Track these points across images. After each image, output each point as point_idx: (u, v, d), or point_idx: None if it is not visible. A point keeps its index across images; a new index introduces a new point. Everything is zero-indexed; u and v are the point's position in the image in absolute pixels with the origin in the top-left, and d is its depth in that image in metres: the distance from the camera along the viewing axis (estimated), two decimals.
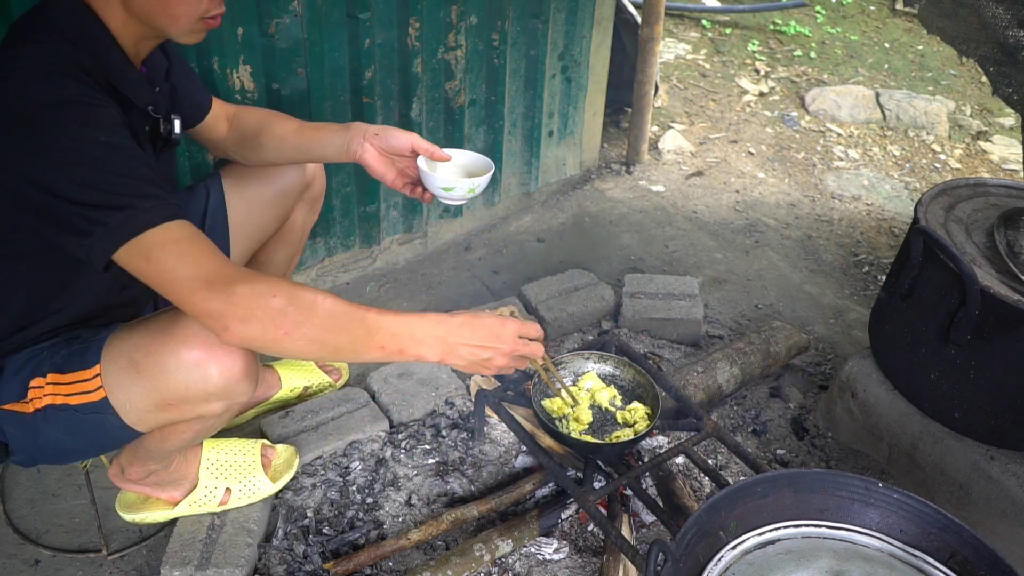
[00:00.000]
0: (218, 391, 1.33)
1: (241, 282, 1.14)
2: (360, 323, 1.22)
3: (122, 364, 1.32)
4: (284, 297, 1.16)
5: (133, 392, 1.32)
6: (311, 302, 1.18)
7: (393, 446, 2.00)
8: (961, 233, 1.88)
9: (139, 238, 1.14)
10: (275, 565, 1.70)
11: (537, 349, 1.40)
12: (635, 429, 1.82)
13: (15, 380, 1.37)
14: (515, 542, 1.73)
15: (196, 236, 1.18)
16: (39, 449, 1.42)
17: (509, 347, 1.35)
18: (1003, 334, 1.69)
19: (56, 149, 1.14)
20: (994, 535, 1.78)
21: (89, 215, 1.13)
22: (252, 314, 1.14)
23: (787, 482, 1.34)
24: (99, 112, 1.20)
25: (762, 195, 3.48)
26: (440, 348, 1.29)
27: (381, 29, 2.29)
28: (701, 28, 5.24)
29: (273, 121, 1.69)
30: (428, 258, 2.84)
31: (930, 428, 1.91)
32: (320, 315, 1.19)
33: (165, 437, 1.49)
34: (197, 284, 1.13)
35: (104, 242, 1.14)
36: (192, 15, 1.30)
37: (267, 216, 1.82)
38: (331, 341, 1.21)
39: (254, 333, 1.16)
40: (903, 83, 4.72)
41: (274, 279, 1.18)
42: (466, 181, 1.57)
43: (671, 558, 1.16)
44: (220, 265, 1.16)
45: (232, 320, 1.14)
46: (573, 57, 2.91)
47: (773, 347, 2.29)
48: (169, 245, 1.14)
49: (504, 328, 1.34)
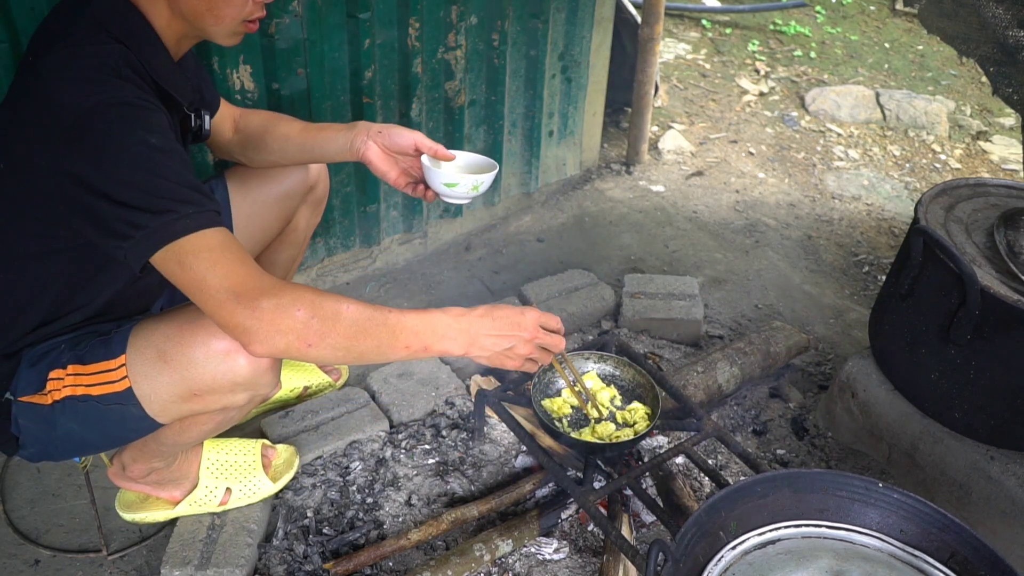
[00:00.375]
0: (245, 381, 1.34)
1: (267, 295, 1.16)
2: (383, 326, 1.24)
3: (149, 354, 1.33)
4: (308, 309, 1.17)
5: (159, 382, 1.33)
6: (335, 312, 1.20)
7: (393, 446, 2.00)
8: (961, 233, 1.88)
9: (176, 243, 1.15)
10: (275, 565, 1.70)
11: (558, 341, 1.42)
12: (635, 429, 1.82)
13: (33, 372, 1.37)
14: (515, 542, 1.73)
15: (230, 244, 1.19)
16: (54, 442, 1.42)
17: (530, 334, 1.36)
18: (1003, 334, 1.69)
19: (104, 150, 1.16)
20: (994, 535, 1.78)
21: (130, 217, 1.15)
22: (277, 330, 1.16)
23: (787, 482, 1.34)
24: (149, 115, 1.22)
25: (762, 195, 3.48)
26: (463, 340, 1.31)
27: (381, 29, 2.29)
28: (701, 28, 5.24)
29: (277, 122, 1.70)
30: (428, 258, 2.84)
31: (930, 428, 1.91)
32: (344, 324, 1.20)
33: (185, 429, 1.49)
34: (225, 296, 1.15)
35: (143, 245, 1.16)
36: (236, 17, 1.32)
37: (271, 217, 1.83)
38: (357, 347, 1.23)
39: (279, 347, 1.18)
40: (903, 83, 4.72)
41: (299, 290, 1.19)
42: (470, 178, 1.57)
43: (671, 558, 1.16)
44: (249, 276, 1.17)
45: (258, 335, 1.17)
46: (573, 57, 2.91)
47: (773, 347, 2.29)
48: (203, 252, 1.16)
49: (524, 317, 1.36)
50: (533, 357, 1.40)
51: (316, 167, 1.84)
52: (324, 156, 1.67)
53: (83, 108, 1.16)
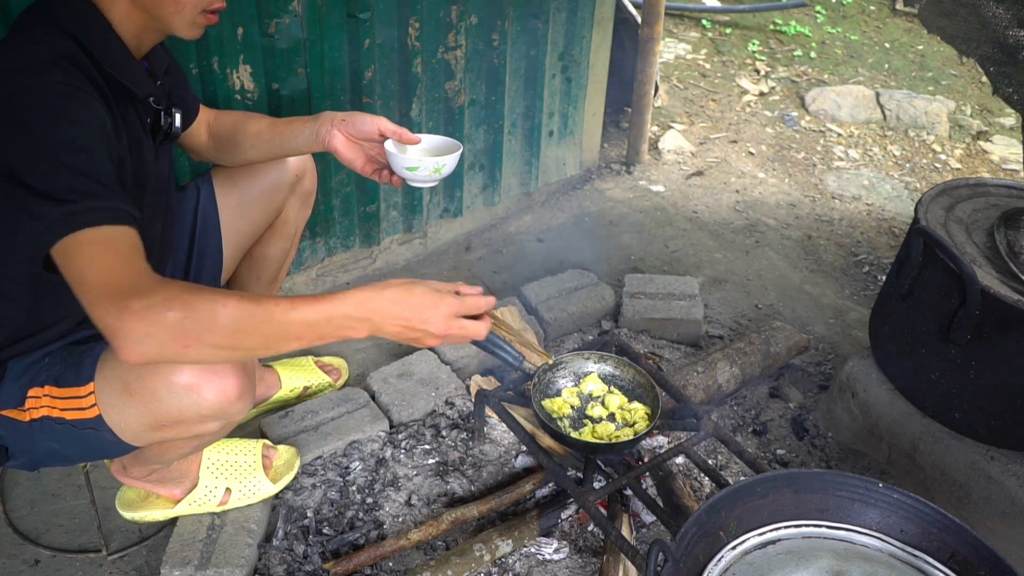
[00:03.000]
0: (213, 412, 1.32)
1: (138, 296, 1.07)
2: (268, 323, 1.14)
3: (115, 385, 1.31)
4: (180, 309, 1.07)
5: (127, 413, 1.32)
6: (210, 311, 1.09)
7: (393, 446, 2.00)
8: (961, 233, 1.88)
9: (69, 237, 1.09)
10: (275, 565, 1.70)
11: (477, 329, 1.30)
12: (635, 429, 1.82)
13: (15, 386, 1.36)
14: (515, 542, 1.73)
15: (118, 242, 1.12)
16: (37, 455, 1.42)
17: (439, 330, 1.25)
18: (1003, 334, 1.69)
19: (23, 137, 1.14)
20: (994, 535, 1.78)
21: (33, 206, 1.10)
22: (147, 332, 1.06)
23: (787, 482, 1.34)
24: (76, 104, 1.19)
25: (762, 195, 3.48)
26: (365, 328, 1.21)
27: (381, 29, 2.29)
28: (701, 28, 5.23)
29: (247, 121, 1.70)
30: (428, 258, 2.84)
31: (930, 428, 1.91)
32: (222, 322, 1.10)
33: (164, 451, 1.49)
34: (98, 294, 1.08)
35: (44, 235, 1.10)
36: (196, 5, 1.31)
37: (258, 212, 1.83)
38: (241, 345, 1.14)
39: (151, 351, 1.08)
40: (903, 83, 4.72)
41: (175, 289, 1.10)
42: (431, 160, 1.55)
43: (671, 558, 1.16)
44: (126, 276, 1.09)
45: (126, 340, 1.06)
46: (573, 57, 2.91)
47: (773, 347, 2.29)
48: (87, 247, 1.10)
49: (435, 310, 1.24)
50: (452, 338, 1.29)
51: (299, 159, 1.84)
52: (294, 149, 1.67)
53: (8, 95, 1.15)
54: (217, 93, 2.07)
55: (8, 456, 1.43)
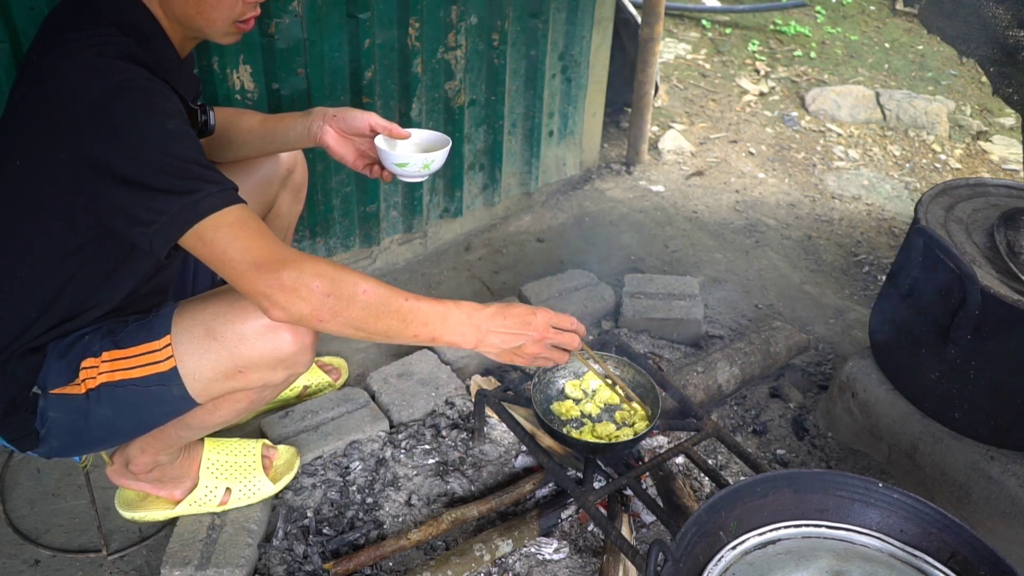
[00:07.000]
0: (287, 357, 1.38)
1: (288, 267, 1.20)
2: (397, 312, 1.29)
3: (197, 332, 1.36)
4: (327, 283, 1.22)
5: (205, 359, 1.37)
6: (351, 291, 1.24)
7: (393, 446, 2.00)
8: (961, 233, 1.88)
9: (200, 223, 1.19)
10: (275, 565, 1.70)
11: (571, 340, 1.45)
12: (635, 429, 1.82)
13: (62, 364, 1.38)
14: (515, 542, 1.73)
15: (249, 220, 1.23)
16: (86, 431, 1.42)
17: (539, 334, 1.40)
18: (1003, 334, 1.69)
19: (122, 135, 1.18)
20: (994, 535, 1.78)
21: (153, 202, 1.18)
22: (298, 296, 1.21)
23: (787, 482, 1.34)
24: (163, 100, 1.24)
25: (762, 195, 3.48)
26: (473, 336, 1.36)
27: (381, 29, 2.29)
28: (701, 28, 5.23)
29: (239, 118, 1.72)
30: (428, 258, 2.84)
31: (930, 428, 1.91)
32: (360, 304, 1.25)
33: (217, 407, 1.50)
34: (246, 266, 1.20)
35: (168, 229, 1.19)
36: (227, 19, 1.35)
37: (251, 205, 1.83)
38: (369, 327, 1.28)
39: (301, 312, 1.22)
40: (903, 83, 4.72)
41: (319, 263, 1.23)
42: (419, 156, 1.57)
43: (671, 558, 1.16)
44: (270, 249, 1.22)
45: (279, 301, 1.21)
46: (573, 57, 2.91)
47: (773, 347, 2.29)
48: (224, 228, 1.20)
49: (535, 316, 1.41)
50: (545, 355, 1.44)
51: (288, 153, 1.85)
52: (286, 145, 1.69)
53: (97, 95, 1.18)
54: (217, 93, 2.07)
55: (37, 442, 1.43)
